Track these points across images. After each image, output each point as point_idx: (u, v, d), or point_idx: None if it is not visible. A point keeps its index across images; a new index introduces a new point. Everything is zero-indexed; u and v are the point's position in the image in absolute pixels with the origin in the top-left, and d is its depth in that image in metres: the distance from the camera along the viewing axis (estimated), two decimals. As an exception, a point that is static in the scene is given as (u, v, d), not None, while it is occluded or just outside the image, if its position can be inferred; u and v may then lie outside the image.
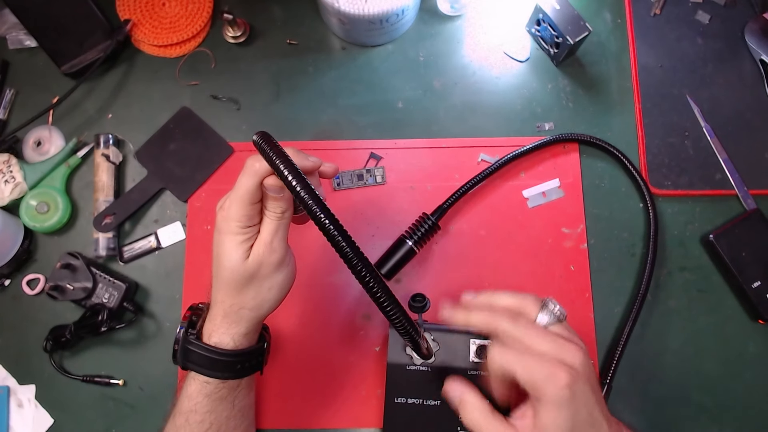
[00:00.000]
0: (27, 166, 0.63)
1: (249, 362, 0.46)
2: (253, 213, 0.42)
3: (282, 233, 0.43)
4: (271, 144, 0.37)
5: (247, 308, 0.44)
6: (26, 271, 0.62)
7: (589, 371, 0.39)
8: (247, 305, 0.43)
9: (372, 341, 0.59)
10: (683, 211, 0.62)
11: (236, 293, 0.43)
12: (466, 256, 0.61)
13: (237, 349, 0.44)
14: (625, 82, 0.65)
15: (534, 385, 0.37)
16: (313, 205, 0.35)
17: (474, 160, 0.63)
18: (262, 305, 0.44)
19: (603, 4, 0.67)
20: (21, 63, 0.67)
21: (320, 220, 0.35)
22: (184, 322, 0.46)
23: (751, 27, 0.65)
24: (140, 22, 0.66)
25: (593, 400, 0.38)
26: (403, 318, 0.38)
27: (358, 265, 0.35)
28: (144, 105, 0.66)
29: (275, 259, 0.42)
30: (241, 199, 0.41)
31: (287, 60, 0.67)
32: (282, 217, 0.42)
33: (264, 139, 0.37)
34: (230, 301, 0.43)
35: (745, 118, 0.63)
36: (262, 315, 0.45)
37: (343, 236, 0.35)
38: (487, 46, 0.67)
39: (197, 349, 0.44)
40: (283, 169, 0.36)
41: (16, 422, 0.59)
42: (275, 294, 0.44)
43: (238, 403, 0.47)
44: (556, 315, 0.42)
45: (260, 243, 0.42)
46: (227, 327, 0.44)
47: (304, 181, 0.36)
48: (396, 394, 0.51)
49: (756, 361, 0.58)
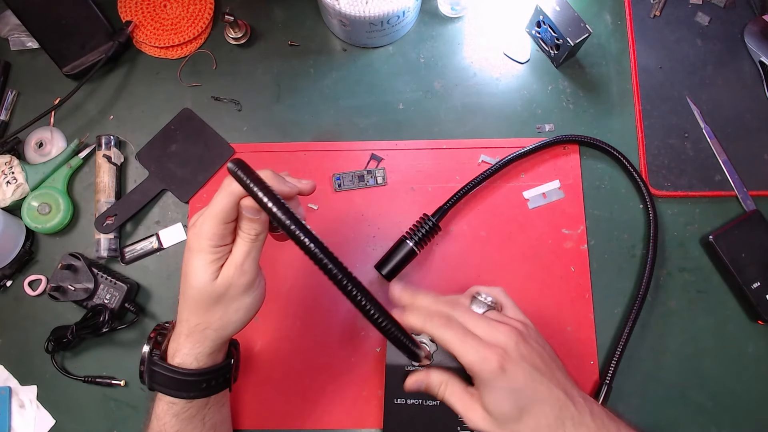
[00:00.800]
0: (29, 167, 0.63)
1: (215, 380, 0.45)
2: (226, 232, 0.41)
3: (254, 255, 0.42)
4: (247, 171, 0.37)
5: (211, 328, 0.43)
6: (28, 272, 0.62)
7: (526, 350, 0.42)
8: (212, 325, 0.43)
9: (372, 342, 0.59)
10: (683, 212, 0.62)
11: (202, 313, 0.42)
12: (467, 257, 0.61)
13: (201, 368, 0.44)
14: (625, 83, 0.65)
15: (470, 367, 0.41)
16: (294, 228, 0.35)
17: (474, 162, 0.63)
18: (227, 326, 0.43)
19: (603, 6, 0.68)
20: (23, 64, 0.68)
21: (304, 244, 0.35)
22: (150, 342, 0.45)
23: (751, 29, 0.65)
24: (142, 23, 0.67)
25: (536, 376, 0.41)
26: (397, 330, 0.38)
27: (345, 282, 0.36)
28: (145, 106, 0.66)
29: (245, 281, 0.42)
30: (215, 217, 0.40)
31: (288, 61, 0.67)
32: (256, 239, 0.41)
33: (239, 166, 0.37)
34: (195, 321, 0.43)
35: (744, 120, 0.63)
36: (226, 335, 0.44)
37: (327, 255, 0.36)
38: (487, 47, 0.67)
39: (161, 370, 0.43)
40: (261, 197, 0.36)
41: (18, 423, 0.59)
42: (241, 316, 0.43)
43: (209, 420, 0.47)
44: (487, 303, 0.46)
45: (231, 264, 0.41)
46: (191, 346, 0.43)
47: (284, 206, 0.36)
48: (396, 394, 0.51)
49: (755, 361, 0.58)
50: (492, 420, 0.41)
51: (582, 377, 0.58)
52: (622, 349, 0.57)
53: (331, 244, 0.62)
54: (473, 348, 0.41)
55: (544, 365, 0.42)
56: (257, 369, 0.59)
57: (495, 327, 0.42)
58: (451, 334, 0.42)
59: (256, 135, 0.65)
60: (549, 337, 0.58)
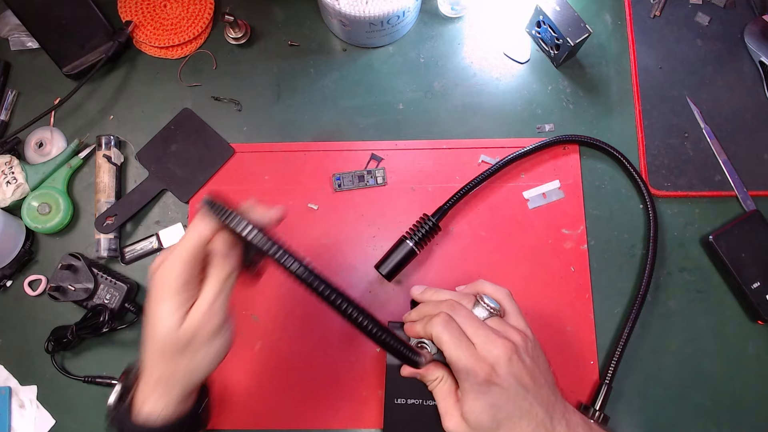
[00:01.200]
0: (29, 167, 0.63)
1: (187, 427, 0.43)
2: (193, 275, 0.39)
3: (225, 296, 0.40)
4: (220, 205, 0.37)
5: (179, 376, 0.40)
6: (28, 272, 0.62)
7: (517, 367, 0.42)
8: (178, 374, 0.40)
9: (372, 342, 0.59)
10: (683, 212, 0.62)
11: (168, 361, 0.40)
12: (467, 257, 0.61)
13: (168, 423, 0.41)
14: (625, 83, 0.65)
15: (458, 374, 0.42)
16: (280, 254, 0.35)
17: (474, 162, 0.63)
18: (194, 374, 0.41)
19: (603, 6, 0.68)
20: (23, 64, 0.68)
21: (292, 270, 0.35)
22: (119, 388, 0.43)
23: (751, 29, 0.65)
24: (142, 23, 0.67)
25: (520, 393, 0.42)
26: (396, 342, 0.39)
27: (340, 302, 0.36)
28: (145, 106, 0.66)
29: (213, 326, 0.39)
30: (183, 260, 0.38)
31: (288, 61, 0.67)
32: (228, 278, 0.40)
33: (212, 200, 0.37)
34: (161, 369, 0.40)
35: (744, 120, 0.63)
36: (195, 382, 0.42)
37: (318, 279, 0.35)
38: (487, 47, 0.67)
39: (130, 427, 0.41)
40: (243, 226, 0.35)
41: (18, 423, 0.59)
42: (210, 361, 0.41)
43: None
44: (490, 309, 0.46)
45: (199, 307, 0.39)
46: (160, 394, 0.41)
47: (265, 234, 0.35)
48: (396, 394, 0.51)
49: (755, 361, 0.58)
50: (466, 427, 0.42)
51: (582, 377, 0.58)
52: (622, 349, 0.57)
53: (331, 244, 0.62)
54: (465, 357, 0.41)
55: (531, 382, 0.42)
56: (257, 369, 0.59)
57: (492, 339, 0.42)
58: (448, 338, 0.42)
59: (256, 135, 0.65)
60: (549, 337, 0.58)
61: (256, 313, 0.60)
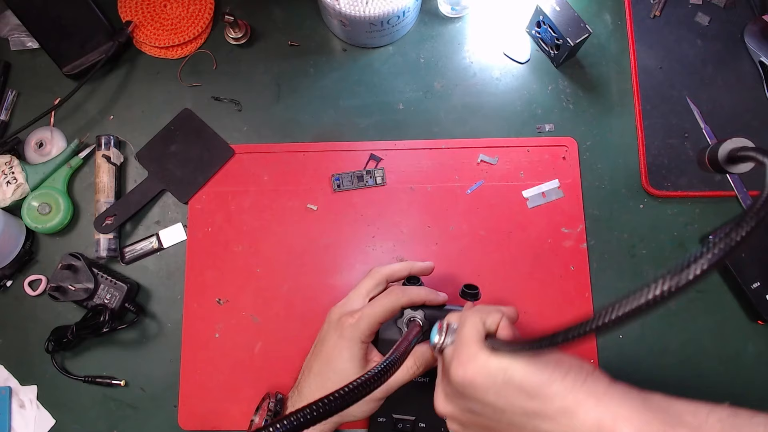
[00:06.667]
0: (29, 167, 0.63)
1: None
2: (374, 331, 0.47)
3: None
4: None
5: (336, 419, 0.46)
6: (28, 272, 0.62)
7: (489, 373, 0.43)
8: (337, 416, 0.42)
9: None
10: (683, 212, 0.62)
11: None
12: (466, 256, 0.61)
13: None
14: (625, 83, 0.65)
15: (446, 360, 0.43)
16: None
17: (474, 161, 0.63)
18: (345, 418, 0.48)
19: (603, 6, 0.68)
20: (23, 64, 0.68)
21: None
22: (268, 415, 0.49)
23: (751, 29, 0.65)
24: (142, 23, 0.67)
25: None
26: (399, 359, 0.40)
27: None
28: (145, 106, 0.66)
29: (379, 393, 0.45)
30: (377, 319, 0.46)
31: (288, 61, 0.67)
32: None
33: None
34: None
35: (744, 120, 0.63)
36: (345, 421, 0.49)
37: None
38: (487, 47, 0.67)
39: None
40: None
41: (18, 423, 0.59)
42: (359, 416, 0.48)
43: None
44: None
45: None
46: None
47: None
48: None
49: (755, 361, 0.58)
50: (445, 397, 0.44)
51: (582, 377, 0.58)
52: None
53: (330, 244, 0.62)
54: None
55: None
56: (257, 369, 0.59)
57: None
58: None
59: (256, 135, 0.65)
60: (549, 337, 0.58)
61: (256, 314, 0.60)
